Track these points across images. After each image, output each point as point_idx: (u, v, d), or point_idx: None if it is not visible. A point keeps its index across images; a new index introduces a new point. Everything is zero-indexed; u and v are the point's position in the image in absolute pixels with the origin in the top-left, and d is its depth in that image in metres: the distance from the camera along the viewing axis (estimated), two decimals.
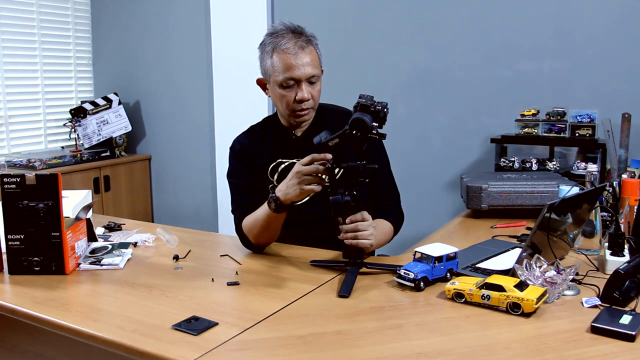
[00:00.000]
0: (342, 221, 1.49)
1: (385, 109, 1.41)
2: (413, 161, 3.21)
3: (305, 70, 1.64)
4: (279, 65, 1.65)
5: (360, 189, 1.45)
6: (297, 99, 1.66)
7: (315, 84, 1.69)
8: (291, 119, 1.72)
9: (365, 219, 1.49)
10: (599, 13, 2.72)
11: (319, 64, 1.70)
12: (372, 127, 1.40)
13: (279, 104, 1.72)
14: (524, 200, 2.04)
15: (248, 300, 1.34)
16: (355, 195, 1.45)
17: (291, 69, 1.64)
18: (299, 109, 1.68)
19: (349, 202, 1.45)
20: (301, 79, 1.65)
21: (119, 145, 4.05)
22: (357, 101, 1.42)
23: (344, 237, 1.48)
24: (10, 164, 3.59)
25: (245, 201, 1.74)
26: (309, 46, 1.67)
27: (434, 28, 3.12)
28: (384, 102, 1.42)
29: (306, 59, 1.64)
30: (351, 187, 1.46)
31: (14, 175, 1.47)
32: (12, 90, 3.82)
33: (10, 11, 3.78)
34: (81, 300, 1.37)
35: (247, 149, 1.79)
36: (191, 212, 4.09)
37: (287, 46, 1.64)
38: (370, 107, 1.41)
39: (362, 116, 1.40)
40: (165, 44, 4.03)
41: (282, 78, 1.65)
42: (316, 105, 1.73)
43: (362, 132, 1.40)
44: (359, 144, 1.42)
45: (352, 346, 1.10)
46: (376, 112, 1.41)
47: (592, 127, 2.63)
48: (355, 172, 1.44)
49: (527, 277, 1.28)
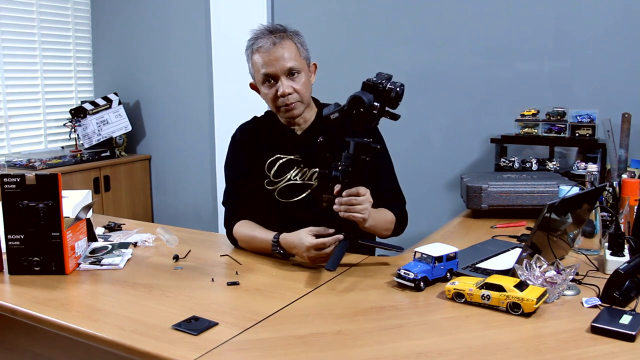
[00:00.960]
0: (328, 196, 1.48)
1: (398, 88, 1.39)
2: (413, 161, 3.21)
3: (281, 64, 1.64)
4: (257, 64, 1.67)
5: (361, 167, 1.44)
6: (278, 94, 1.66)
7: (297, 77, 1.68)
8: (281, 114, 1.73)
9: (361, 193, 1.48)
10: (599, 13, 2.72)
11: (300, 57, 1.69)
12: (373, 107, 1.38)
13: (267, 102, 1.73)
14: (524, 200, 2.04)
15: (248, 300, 1.34)
16: (351, 172, 1.44)
17: (266, 65, 1.65)
18: (283, 104, 1.68)
19: (337, 178, 1.44)
20: (277, 74, 1.65)
21: (119, 145, 4.05)
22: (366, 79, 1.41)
23: (338, 210, 1.48)
24: (10, 164, 3.59)
25: (239, 198, 1.76)
26: (284, 40, 1.66)
27: (434, 28, 3.12)
28: (399, 82, 1.39)
29: (280, 53, 1.64)
30: (352, 163, 1.44)
31: (14, 175, 1.47)
32: (12, 90, 3.82)
33: (10, 11, 3.78)
34: (81, 300, 1.37)
35: (248, 139, 1.80)
36: (191, 212, 4.09)
37: (262, 44, 1.65)
38: (378, 86, 1.39)
39: (360, 94, 1.39)
40: (165, 44, 4.03)
41: (261, 76, 1.67)
42: (305, 98, 1.71)
43: (359, 111, 1.39)
44: (359, 123, 1.41)
45: (352, 346, 1.10)
46: (387, 92, 1.39)
47: (592, 127, 2.63)
48: (357, 148, 1.43)
49: (527, 277, 1.28)
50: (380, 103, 1.39)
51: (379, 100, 1.39)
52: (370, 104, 1.38)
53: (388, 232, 1.72)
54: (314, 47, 1.80)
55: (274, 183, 1.75)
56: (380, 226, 1.67)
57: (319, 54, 1.76)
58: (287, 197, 1.75)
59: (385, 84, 1.39)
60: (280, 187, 1.75)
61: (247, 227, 1.70)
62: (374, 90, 1.39)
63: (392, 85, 1.39)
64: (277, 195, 1.75)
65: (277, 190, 1.75)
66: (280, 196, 1.75)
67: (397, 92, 1.39)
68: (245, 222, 1.72)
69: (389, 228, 1.72)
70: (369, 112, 1.39)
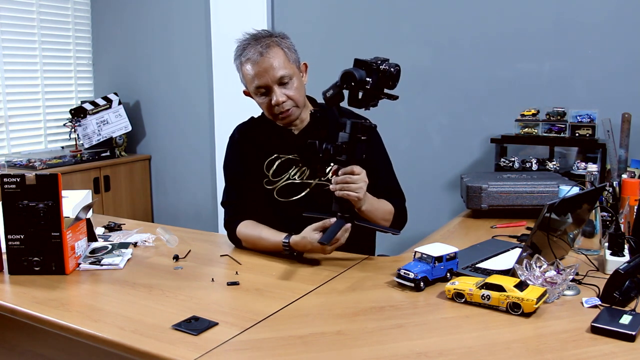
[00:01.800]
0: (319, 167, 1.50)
1: (393, 68, 1.38)
2: (413, 161, 3.21)
3: (270, 75, 1.63)
4: (248, 76, 1.67)
5: (356, 146, 1.45)
6: (273, 103, 1.66)
7: (289, 84, 1.67)
8: (278, 121, 1.74)
9: (356, 172, 1.48)
10: (599, 13, 2.72)
11: (289, 62, 1.67)
12: (365, 82, 1.38)
13: (263, 110, 1.74)
14: (524, 200, 2.04)
15: (248, 300, 1.34)
16: (349, 150, 1.45)
17: (257, 77, 1.64)
18: (279, 112, 1.69)
19: (328, 150, 1.45)
20: (269, 84, 1.65)
21: (119, 145, 4.05)
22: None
23: (334, 189, 1.49)
24: (10, 164, 3.59)
25: (238, 198, 1.77)
26: (270, 49, 1.64)
27: (434, 28, 3.12)
28: (394, 63, 1.39)
29: (269, 63, 1.63)
30: (348, 141, 1.45)
31: (14, 175, 1.47)
32: (12, 90, 3.82)
33: (10, 11, 3.78)
34: (81, 300, 1.37)
35: (246, 138, 1.80)
36: (191, 212, 4.09)
37: (249, 56, 1.64)
38: (372, 65, 1.39)
39: (351, 69, 1.39)
40: (165, 44, 4.03)
41: (253, 88, 1.68)
42: (299, 102, 1.71)
43: (351, 85, 1.39)
44: (356, 101, 1.42)
45: (352, 346, 1.10)
46: (383, 71, 1.38)
47: (592, 127, 2.63)
48: (353, 128, 1.44)
49: (527, 277, 1.28)
50: (375, 82, 1.39)
51: (372, 78, 1.39)
52: (362, 79, 1.38)
53: (387, 222, 1.71)
54: (314, 47, 1.80)
55: (273, 182, 1.76)
56: (378, 214, 1.66)
57: (319, 54, 1.77)
58: (286, 196, 1.75)
59: (380, 63, 1.39)
60: (279, 186, 1.75)
61: (252, 228, 1.70)
62: (366, 67, 1.40)
63: (386, 66, 1.39)
64: (276, 194, 1.75)
65: (276, 190, 1.75)
66: (280, 195, 1.75)
67: (392, 72, 1.39)
68: (249, 222, 1.72)
69: (388, 219, 1.71)
70: (361, 87, 1.39)
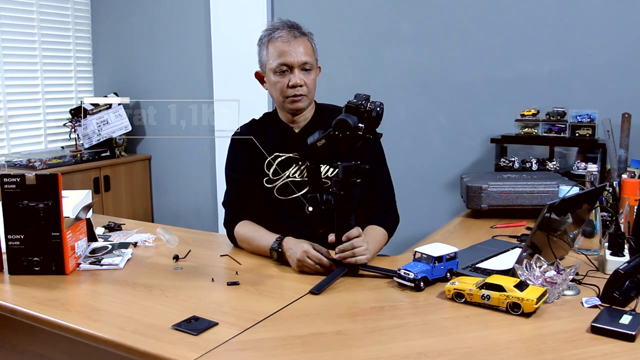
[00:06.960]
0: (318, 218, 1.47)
1: (378, 108, 1.42)
2: (413, 161, 3.21)
3: (298, 56, 1.68)
4: (273, 52, 1.70)
5: (352, 190, 1.45)
6: (290, 84, 1.68)
7: (309, 73, 1.71)
8: (286, 105, 1.74)
9: (355, 235, 1.48)
10: (599, 13, 2.72)
11: (314, 55, 1.74)
12: (358, 128, 1.41)
13: (273, 91, 1.74)
14: (524, 200, 2.04)
15: (248, 300, 1.34)
16: (345, 195, 1.45)
17: (284, 54, 1.68)
18: (292, 95, 1.70)
19: (330, 201, 1.45)
20: (294, 65, 1.68)
21: (119, 145, 4.05)
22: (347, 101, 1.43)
23: (341, 257, 1.47)
24: (10, 164, 3.59)
25: (239, 198, 1.78)
26: (302, 37, 1.71)
27: (433, 28, 3.12)
28: (378, 102, 1.43)
29: (299, 47, 1.69)
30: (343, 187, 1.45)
31: (14, 175, 1.47)
32: (12, 90, 3.81)
33: (10, 11, 3.77)
34: (81, 300, 1.38)
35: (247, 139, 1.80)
36: (191, 212, 4.08)
37: (281, 34, 1.69)
38: (360, 107, 1.42)
39: (345, 117, 1.41)
40: (165, 44, 4.02)
41: (276, 64, 1.69)
42: (311, 94, 1.74)
43: (345, 134, 1.41)
44: (345, 145, 1.43)
45: (352, 346, 1.10)
46: (368, 112, 1.42)
47: (592, 127, 2.63)
48: (346, 172, 1.44)
49: (527, 277, 1.28)
50: (364, 124, 1.42)
51: (362, 121, 1.42)
52: (355, 126, 1.41)
53: (381, 249, 1.72)
54: None
55: (273, 181, 1.76)
56: (376, 252, 1.66)
57: (319, 54, 1.77)
58: (286, 194, 1.75)
59: (365, 104, 1.42)
60: (279, 184, 1.76)
61: (248, 228, 1.72)
62: (357, 112, 1.42)
63: (371, 105, 1.42)
64: (276, 192, 1.76)
65: (276, 188, 1.76)
66: (279, 194, 1.75)
67: (377, 111, 1.42)
68: (246, 222, 1.74)
69: (382, 247, 1.72)
70: (354, 133, 1.41)
